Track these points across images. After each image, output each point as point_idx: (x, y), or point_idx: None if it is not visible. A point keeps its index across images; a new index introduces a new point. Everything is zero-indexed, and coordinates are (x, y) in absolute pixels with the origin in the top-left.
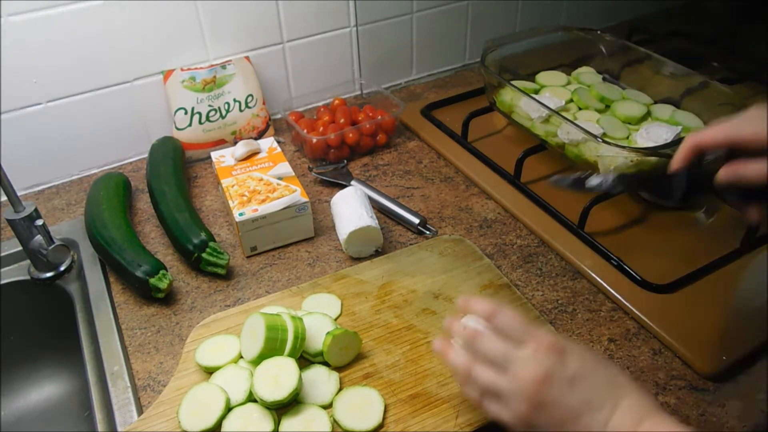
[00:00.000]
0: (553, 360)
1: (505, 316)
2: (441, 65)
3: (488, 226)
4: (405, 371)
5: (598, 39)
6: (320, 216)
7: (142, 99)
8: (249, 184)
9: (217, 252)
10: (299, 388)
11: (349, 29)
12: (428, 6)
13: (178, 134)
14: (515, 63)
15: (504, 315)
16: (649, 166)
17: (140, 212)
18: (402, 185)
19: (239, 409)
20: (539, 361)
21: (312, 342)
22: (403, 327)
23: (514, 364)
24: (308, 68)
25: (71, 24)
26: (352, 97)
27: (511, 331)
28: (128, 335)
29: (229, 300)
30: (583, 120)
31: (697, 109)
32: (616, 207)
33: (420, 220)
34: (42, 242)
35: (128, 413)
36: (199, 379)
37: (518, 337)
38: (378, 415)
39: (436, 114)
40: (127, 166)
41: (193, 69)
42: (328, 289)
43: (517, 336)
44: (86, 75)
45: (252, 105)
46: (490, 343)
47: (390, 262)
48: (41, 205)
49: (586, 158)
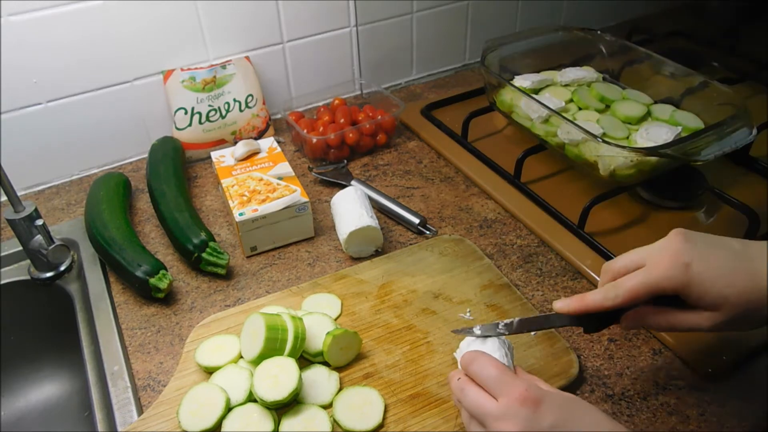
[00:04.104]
0: (527, 413)
1: (479, 365)
2: (441, 65)
3: (488, 226)
4: (405, 371)
5: (598, 39)
6: (320, 216)
7: (142, 99)
8: (249, 184)
9: (217, 252)
10: (299, 388)
11: (349, 29)
12: (428, 6)
13: (178, 134)
14: (515, 63)
15: (478, 365)
16: (650, 167)
17: (140, 212)
18: (402, 185)
19: (239, 409)
20: (511, 418)
21: (312, 342)
22: (403, 327)
23: (487, 420)
24: (308, 68)
25: (71, 24)
26: (352, 97)
27: (485, 381)
28: (128, 335)
29: (229, 300)
30: (583, 120)
31: (697, 109)
32: (616, 207)
33: (420, 220)
34: (42, 242)
35: (128, 413)
36: (199, 379)
37: (492, 389)
38: (378, 415)
39: (436, 114)
40: (127, 166)
41: (193, 69)
42: (328, 289)
43: (491, 387)
44: (86, 75)
45: (252, 105)
46: (467, 397)
47: (390, 262)
48: (41, 205)
49: (586, 158)
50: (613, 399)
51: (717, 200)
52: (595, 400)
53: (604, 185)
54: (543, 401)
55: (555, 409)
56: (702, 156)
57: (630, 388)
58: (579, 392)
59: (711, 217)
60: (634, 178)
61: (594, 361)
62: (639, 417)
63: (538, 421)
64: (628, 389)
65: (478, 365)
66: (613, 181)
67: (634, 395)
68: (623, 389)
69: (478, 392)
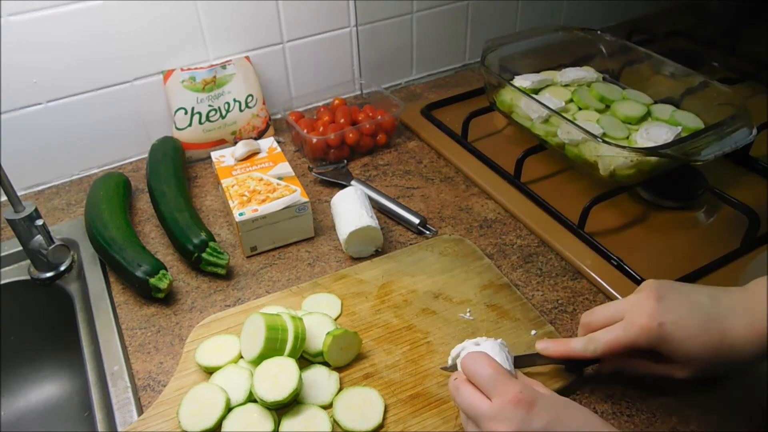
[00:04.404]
0: (520, 415)
1: (476, 364)
2: (441, 65)
3: (488, 226)
4: (405, 371)
5: (598, 39)
6: (320, 216)
7: (142, 99)
8: (249, 184)
9: (217, 252)
10: (299, 388)
11: (349, 29)
12: (428, 6)
13: (178, 134)
14: (515, 63)
15: (475, 364)
16: (650, 167)
17: (140, 212)
18: (402, 185)
19: (239, 410)
20: (504, 419)
21: (312, 342)
22: (403, 327)
23: (481, 421)
24: (308, 68)
25: (71, 24)
26: (352, 97)
27: (480, 381)
28: (128, 335)
29: (229, 300)
30: (583, 120)
31: (697, 109)
32: (616, 207)
33: (420, 220)
34: (42, 242)
35: (128, 413)
36: (199, 379)
37: (487, 389)
38: (378, 416)
39: (436, 114)
40: (127, 166)
41: (193, 69)
42: (328, 289)
43: (485, 387)
44: (86, 75)
45: (252, 105)
46: (461, 396)
47: (390, 262)
48: (41, 205)
49: (586, 158)
50: (613, 399)
51: (717, 200)
52: (595, 400)
53: (604, 185)
54: (537, 403)
55: (548, 411)
56: (702, 156)
57: (630, 388)
58: (579, 392)
59: (711, 217)
60: (634, 178)
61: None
62: (639, 417)
63: (531, 422)
64: (628, 389)
65: (475, 364)
66: (613, 181)
67: (634, 395)
68: (623, 389)
69: (472, 392)
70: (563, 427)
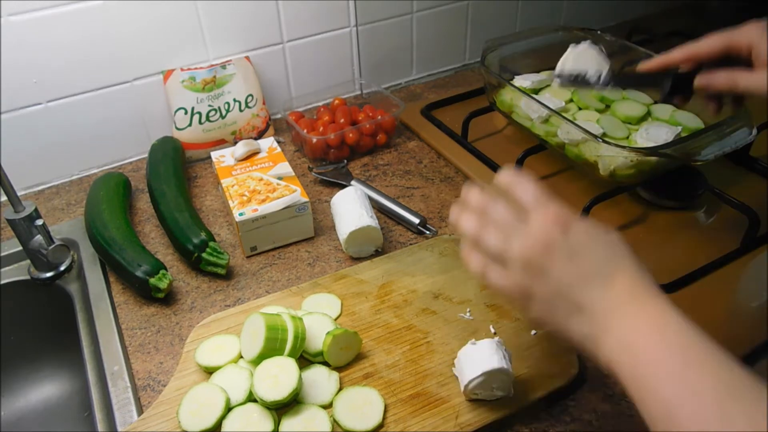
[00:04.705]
0: (557, 231)
1: (522, 187)
2: (441, 65)
3: None
4: (405, 371)
5: (598, 39)
6: (320, 216)
7: (142, 99)
8: (249, 184)
9: (217, 252)
10: (299, 388)
11: (349, 29)
12: (428, 6)
13: (178, 134)
14: (515, 63)
15: (521, 186)
16: (650, 167)
17: (140, 212)
18: (402, 185)
19: (239, 409)
20: (543, 230)
21: (312, 342)
22: (403, 327)
23: (519, 230)
24: (308, 68)
25: (71, 24)
26: (352, 97)
27: (525, 201)
28: (128, 335)
29: (229, 300)
30: (583, 120)
31: (697, 109)
32: (616, 207)
33: (420, 220)
34: (42, 242)
35: (128, 413)
36: (199, 379)
37: (530, 207)
38: (378, 415)
39: (436, 114)
40: (127, 166)
41: (193, 69)
42: (328, 289)
43: (529, 206)
44: (86, 75)
45: (252, 105)
46: (499, 210)
47: (390, 262)
48: (41, 205)
49: (586, 158)
50: (613, 399)
51: (717, 200)
52: (595, 401)
53: (604, 185)
54: (573, 225)
55: (582, 235)
56: (702, 156)
57: None
58: (579, 392)
59: (711, 217)
60: (634, 178)
61: (594, 361)
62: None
63: (566, 240)
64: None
65: (520, 186)
66: (613, 181)
67: None
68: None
69: (510, 207)
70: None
